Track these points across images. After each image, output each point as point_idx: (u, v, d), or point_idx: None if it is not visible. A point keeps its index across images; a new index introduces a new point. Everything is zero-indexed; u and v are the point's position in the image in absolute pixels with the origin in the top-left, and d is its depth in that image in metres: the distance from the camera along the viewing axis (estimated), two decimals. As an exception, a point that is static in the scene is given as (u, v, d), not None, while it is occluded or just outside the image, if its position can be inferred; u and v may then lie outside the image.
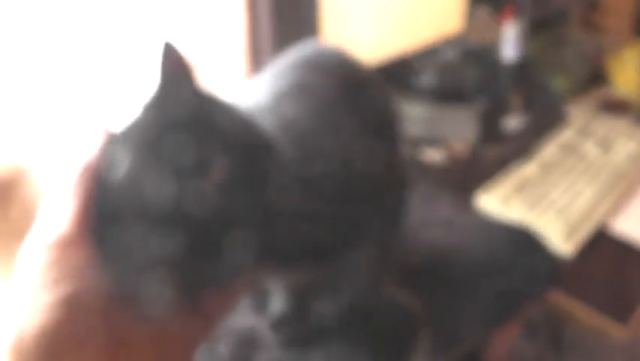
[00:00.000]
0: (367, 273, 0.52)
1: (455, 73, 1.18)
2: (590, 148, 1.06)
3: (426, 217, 0.69)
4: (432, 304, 0.57)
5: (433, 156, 1.01)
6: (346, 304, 0.53)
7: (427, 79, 1.16)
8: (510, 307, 0.65)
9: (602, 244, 0.87)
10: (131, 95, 0.81)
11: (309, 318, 0.53)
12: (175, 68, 0.35)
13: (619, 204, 0.95)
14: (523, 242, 0.67)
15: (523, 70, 1.22)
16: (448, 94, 1.14)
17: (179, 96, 0.36)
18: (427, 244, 0.64)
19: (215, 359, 0.53)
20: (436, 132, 1.07)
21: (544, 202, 0.90)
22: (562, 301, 0.78)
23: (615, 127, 1.13)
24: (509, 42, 1.21)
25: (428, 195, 0.78)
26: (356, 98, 0.50)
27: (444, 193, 0.84)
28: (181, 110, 0.35)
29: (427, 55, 1.18)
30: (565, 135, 1.09)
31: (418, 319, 0.55)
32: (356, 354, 0.52)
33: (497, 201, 0.88)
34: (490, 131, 1.09)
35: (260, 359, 0.51)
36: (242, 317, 0.55)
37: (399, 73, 1.16)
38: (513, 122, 1.13)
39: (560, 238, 0.83)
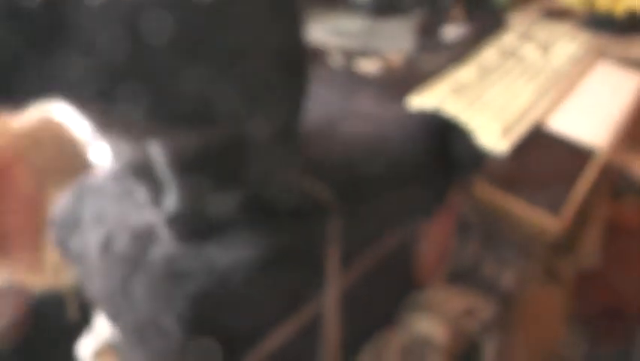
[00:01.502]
0: (266, 162, 0.49)
1: (392, -16, 1.13)
2: (530, 51, 1.03)
3: (345, 109, 0.65)
4: (347, 195, 0.54)
5: (368, 67, 0.98)
6: (246, 195, 0.49)
7: (362, -8, 1.11)
8: (434, 197, 0.62)
9: (538, 141, 0.85)
10: None
11: (204, 211, 0.49)
12: None
13: (556, 102, 0.93)
14: (445, 131, 0.64)
15: (463, -21, 1.18)
16: (384, 6, 1.10)
17: None
18: (344, 135, 0.61)
19: (110, 255, 0.50)
20: (372, 45, 1.03)
21: (480, 102, 0.87)
22: (495, 197, 0.76)
23: (556, 31, 1.11)
24: (447, -50, 1.16)
25: (349, 88, 0.74)
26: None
27: (367, 86, 0.80)
28: None
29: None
30: (505, 40, 1.06)
31: (329, 208, 0.52)
32: (257, 243, 0.49)
33: (431, 103, 0.85)
34: (428, 41, 1.06)
35: (155, 253, 0.48)
36: (138, 213, 0.52)
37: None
38: (452, 31, 1.09)
39: (495, 136, 0.81)
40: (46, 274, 0.69)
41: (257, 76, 0.43)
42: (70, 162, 0.67)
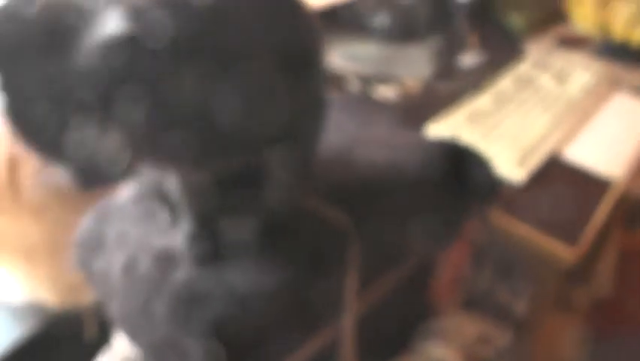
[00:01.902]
0: (280, 187, 0.50)
1: (409, 12, 1.15)
2: (546, 80, 1.04)
3: (362, 134, 0.66)
4: (363, 221, 0.54)
5: (386, 93, 0.99)
6: (261, 219, 0.50)
7: (380, 19, 1.13)
8: (449, 225, 0.63)
9: (554, 170, 0.85)
10: None
11: (219, 234, 0.50)
12: None
13: (572, 132, 0.93)
14: (462, 159, 0.65)
15: (479, 7, 1.20)
16: (402, 33, 1.12)
17: None
18: (361, 161, 0.61)
19: (133, 277, 0.51)
20: (390, 71, 1.05)
21: (496, 131, 0.88)
22: (511, 226, 0.76)
23: (572, 60, 1.12)
24: (464, -21, 1.18)
25: (366, 114, 0.75)
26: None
27: (384, 112, 0.82)
28: None
29: (381, -5, 1.15)
30: (521, 69, 1.07)
31: (346, 234, 0.53)
32: (276, 268, 0.50)
33: (447, 131, 0.86)
34: (444, 68, 1.07)
35: (176, 276, 0.49)
36: (161, 236, 0.53)
37: (352, 14, 1.13)
38: (469, 59, 1.11)
39: (511, 165, 0.82)
40: (64, 292, 0.70)
41: (257, 77, 0.43)
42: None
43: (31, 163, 0.64)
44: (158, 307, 0.48)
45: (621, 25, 1.22)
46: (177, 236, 0.52)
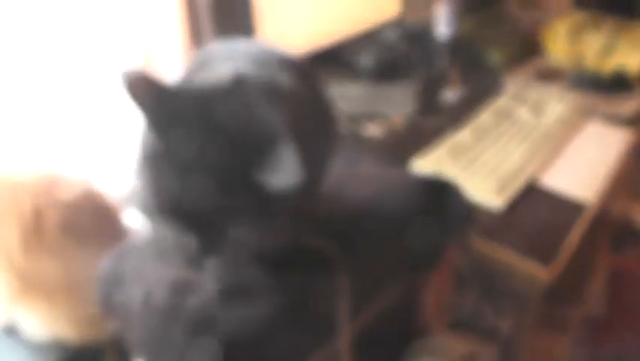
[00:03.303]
0: (276, 223, 0.56)
1: (393, 53, 1.23)
2: (523, 113, 1.11)
3: (351, 171, 0.73)
4: (350, 251, 0.61)
5: (373, 130, 1.06)
6: (257, 255, 0.57)
7: (366, 60, 1.20)
8: (431, 252, 0.69)
9: (531, 197, 0.92)
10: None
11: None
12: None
13: (548, 160, 1.00)
14: (441, 191, 0.71)
15: (459, 46, 1.28)
16: (387, 73, 1.19)
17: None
18: (348, 196, 0.68)
19: (151, 306, 0.57)
20: (376, 109, 1.12)
21: (477, 163, 0.95)
22: (491, 250, 0.82)
23: (547, 93, 1.19)
24: (443, 21, 1.27)
25: (355, 151, 0.82)
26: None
27: (371, 149, 0.88)
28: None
29: (367, 38, 1.23)
30: (499, 102, 1.15)
31: (335, 264, 0.59)
32: (274, 297, 0.56)
33: (430, 166, 0.93)
34: (428, 104, 1.15)
35: (191, 301, 0.55)
36: (175, 270, 0.59)
37: (339, 55, 1.21)
38: (450, 95, 1.18)
39: (491, 194, 0.88)
40: (83, 327, 0.76)
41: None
42: (107, 229, 0.75)
43: (53, 211, 0.70)
44: (175, 331, 0.54)
45: (593, 57, 1.30)
46: (193, 270, 0.58)
